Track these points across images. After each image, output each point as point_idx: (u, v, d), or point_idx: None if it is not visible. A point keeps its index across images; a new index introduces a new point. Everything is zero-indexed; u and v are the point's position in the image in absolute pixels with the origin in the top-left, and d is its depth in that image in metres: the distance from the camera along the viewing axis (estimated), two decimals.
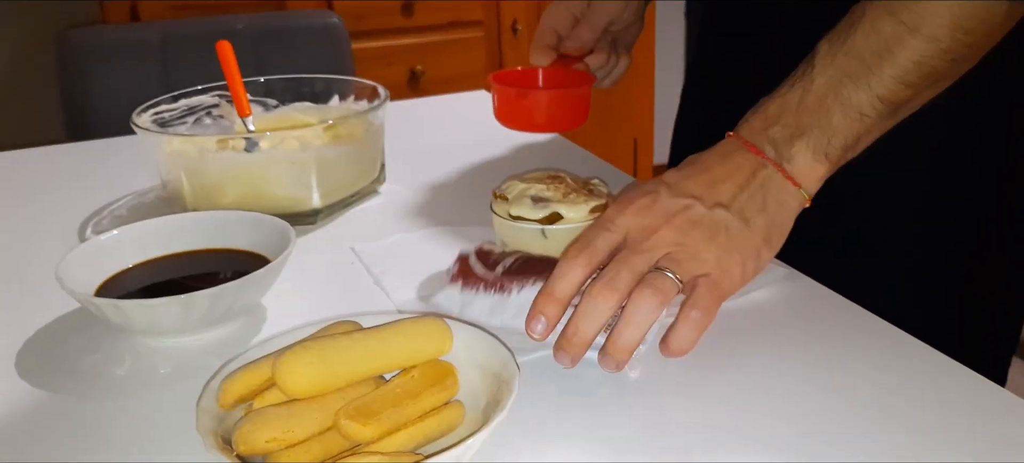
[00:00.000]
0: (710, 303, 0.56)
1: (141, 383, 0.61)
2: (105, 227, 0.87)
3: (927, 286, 0.82)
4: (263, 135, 0.86)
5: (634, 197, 0.59)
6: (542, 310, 0.56)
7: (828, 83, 0.60)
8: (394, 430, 0.48)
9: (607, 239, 0.58)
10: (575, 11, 0.81)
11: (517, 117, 0.75)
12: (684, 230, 0.57)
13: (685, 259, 0.56)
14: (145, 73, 1.43)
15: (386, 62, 2.26)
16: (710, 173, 0.59)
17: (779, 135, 0.60)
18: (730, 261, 0.58)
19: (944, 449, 0.50)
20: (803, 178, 0.60)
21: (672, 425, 0.54)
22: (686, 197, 0.58)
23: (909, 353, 0.60)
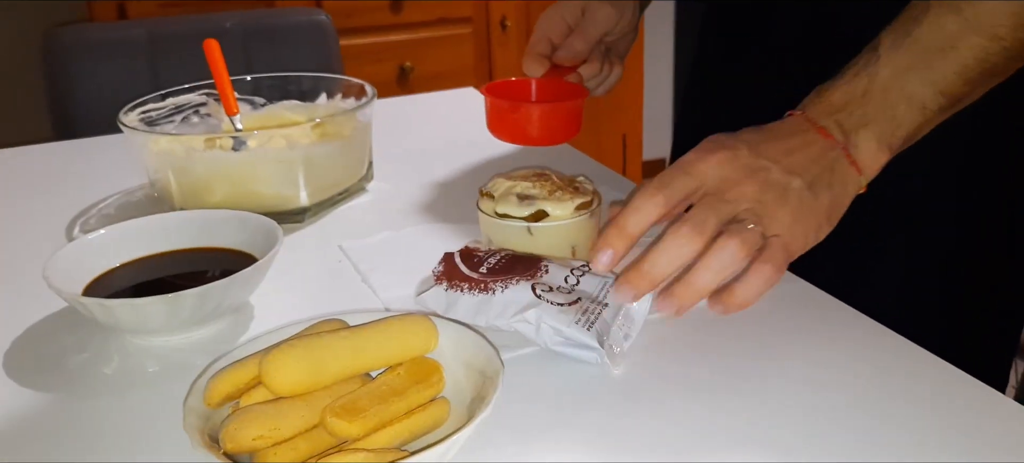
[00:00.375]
0: (781, 262, 0.56)
1: (129, 382, 0.61)
2: (93, 226, 0.87)
3: (925, 287, 0.82)
4: (251, 134, 0.87)
5: (714, 148, 0.59)
6: (611, 243, 0.57)
7: (892, 75, 0.61)
8: (380, 427, 0.48)
9: (685, 183, 0.58)
10: (569, 20, 0.81)
11: (509, 130, 0.75)
12: (763, 188, 0.57)
13: (764, 216, 0.57)
14: (133, 71, 1.42)
15: (375, 59, 2.26)
16: (785, 142, 0.60)
17: (846, 122, 0.61)
18: (799, 227, 0.58)
19: (930, 449, 0.51)
20: (865, 165, 0.61)
21: (657, 422, 0.54)
22: (764, 159, 0.58)
23: (899, 353, 0.61)
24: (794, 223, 0.58)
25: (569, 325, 0.59)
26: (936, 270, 0.82)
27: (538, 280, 0.62)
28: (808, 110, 0.62)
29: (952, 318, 0.82)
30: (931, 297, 0.82)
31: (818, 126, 0.60)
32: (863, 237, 0.82)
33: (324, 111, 0.98)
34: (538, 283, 0.62)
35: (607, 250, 0.57)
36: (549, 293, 0.61)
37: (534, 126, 0.74)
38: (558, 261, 0.66)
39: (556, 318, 0.59)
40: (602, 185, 0.85)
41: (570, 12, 0.81)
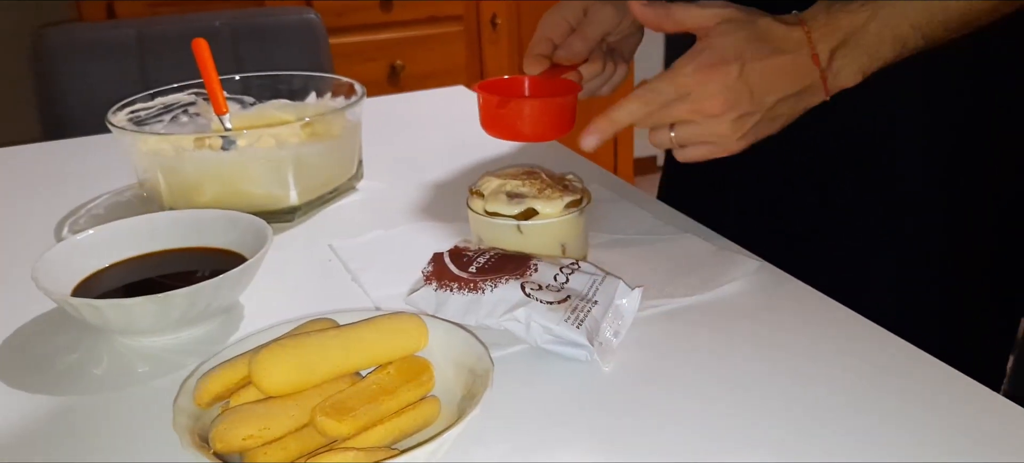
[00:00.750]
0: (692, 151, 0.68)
1: (119, 382, 0.61)
2: (82, 226, 0.87)
3: (920, 286, 0.83)
4: (240, 133, 0.87)
5: (709, 65, 0.64)
6: (600, 128, 0.67)
7: (890, 14, 0.65)
8: (370, 426, 0.48)
9: (670, 92, 0.65)
10: (571, 20, 0.81)
11: (500, 126, 0.75)
12: (733, 128, 0.66)
13: (717, 146, 0.67)
14: (121, 71, 1.42)
15: (365, 58, 2.26)
16: (776, 60, 0.65)
17: (838, 50, 0.66)
18: (739, 146, 0.67)
19: (925, 447, 0.51)
20: (835, 88, 0.67)
21: (646, 419, 0.54)
22: (747, 87, 0.64)
23: (892, 352, 0.61)
24: (738, 142, 0.67)
25: (559, 323, 0.59)
26: (931, 268, 0.82)
27: (528, 279, 0.63)
28: (813, 27, 0.66)
29: (948, 316, 0.83)
30: (926, 296, 0.83)
31: (813, 50, 0.65)
32: (857, 237, 0.82)
33: (314, 110, 0.98)
34: (528, 281, 0.62)
35: (596, 134, 0.67)
36: (539, 291, 0.61)
37: (525, 122, 0.74)
38: (548, 259, 0.66)
39: (546, 316, 0.59)
40: (592, 183, 0.86)
41: (572, 12, 0.81)
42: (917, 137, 0.80)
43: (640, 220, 0.83)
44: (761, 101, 0.65)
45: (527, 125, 0.74)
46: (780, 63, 0.65)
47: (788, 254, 0.74)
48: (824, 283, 0.69)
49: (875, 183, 0.81)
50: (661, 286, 0.69)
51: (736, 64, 0.64)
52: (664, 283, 0.70)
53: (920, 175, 0.80)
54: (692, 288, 0.69)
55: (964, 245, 0.82)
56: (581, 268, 0.65)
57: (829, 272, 0.72)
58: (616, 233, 0.80)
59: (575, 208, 0.71)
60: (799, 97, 0.67)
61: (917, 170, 0.80)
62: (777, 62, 0.65)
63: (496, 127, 0.75)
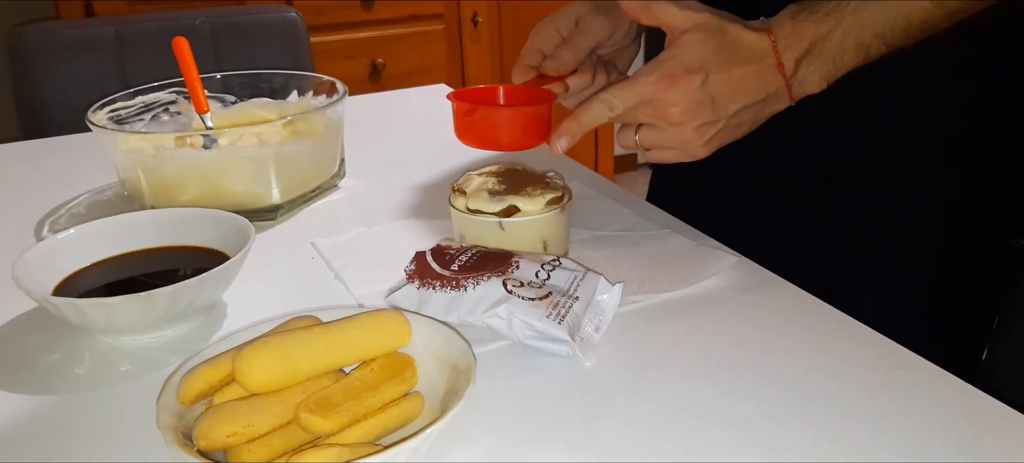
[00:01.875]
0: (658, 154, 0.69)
1: (101, 381, 0.61)
2: (62, 226, 0.87)
3: (912, 283, 0.84)
4: (222, 132, 0.86)
5: (672, 76, 0.65)
6: (570, 130, 0.70)
7: (854, 23, 0.67)
8: (354, 422, 0.49)
9: (635, 98, 0.67)
10: (563, 31, 0.81)
11: (472, 134, 0.75)
12: (696, 136, 0.67)
13: (683, 153, 0.69)
14: (101, 70, 1.41)
15: (346, 56, 2.25)
16: (742, 69, 0.66)
17: (803, 59, 0.67)
18: (703, 151, 0.68)
19: (893, 436, 0.52)
20: (799, 95, 0.69)
21: (628, 413, 0.55)
22: (710, 99, 0.66)
23: (875, 349, 0.62)
24: (702, 149, 0.68)
25: (540, 319, 0.59)
26: (912, 267, 0.84)
27: (509, 276, 0.63)
28: (778, 36, 0.67)
29: (927, 311, 0.84)
30: (907, 292, 0.84)
31: (779, 59, 0.67)
32: (841, 235, 0.84)
33: (295, 109, 0.98)
34: (509, 279, 0.63)
35: (566, 136, 0.70)
36: (520, 288, 0.62)
37: (496, 130, 0.74)
38: (529, 256, 0.67)
39: (527, 313, 0.60)
40: (573, 181, 0.86)
41: (564, 23, 0.81)
42: (902, 140, 0.81)
43: (620, 217, 0.83)
44: (724, 110, 0.67)
45: (499, 133, 0.74)
46: (744, 73, 0.66)
47: (776, 252, 0.75)
48: (809, 280, 0.71)
49: (859, 185, 0.82)
50: (641, 282, 0.70)
51: (699, 74, 0.65)
52: (644, 279, 0.70)
53: (902, 177, 0.81)
54: (672, 283, 0.70)
55: (946, 243, 0.84)
56: (562, 265, 0.66)
57: (814, 269, 0.73)
58: (597, 230, 0.81)
59: (556, 205, 0.71)
60: (763, 104, 0.68)
61: (900, 172, 0.81)
62: (741, 72, 0.66)
63: (468, 135, 0.75)
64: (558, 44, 0.80)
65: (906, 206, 0.82)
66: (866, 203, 0.83)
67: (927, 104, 0.79)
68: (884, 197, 0.82)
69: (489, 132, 0.74)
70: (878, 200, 0.82)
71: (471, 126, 0.74)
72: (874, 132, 0.81)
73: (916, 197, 0.82)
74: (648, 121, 0.68)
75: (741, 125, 0.69)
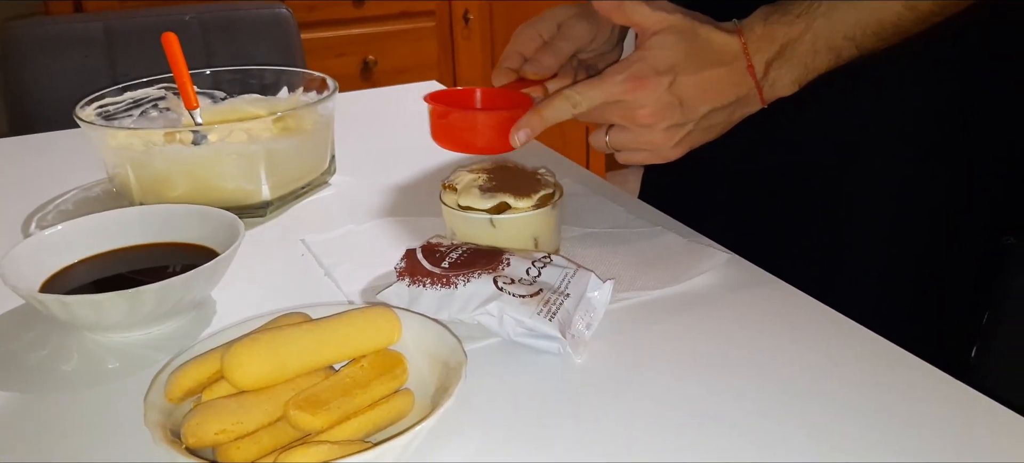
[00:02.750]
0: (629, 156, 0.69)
1: (89, 379, 0.61)
2: (50, 222, 0.86)
3: (896, 283, 0.84)
4: (211, 128, 0.86)
5: (640, 78, 0.65)
6: (529, 123, 0.68)
7: (825, 25, 0.66)
8: (343, 419, 0.48)
9: (601, 97, 0.66)
10: (544, 34, 0.81)
11: (448, 137, 0.75)
12: (666, 138, 0.67)
13: (653, 156, 0.68)
14: (90, 66, 1.40)
15: (337, 53, 2.25)
16: (712, 72, 0.66)
17: (774, 61, 0.67)
18: (674, 153, 0.68)
19: (883, 431, 0.52)
20: (771, 98, 0.68)
21: (619, 410, 0.55)
22: (679, 102, 0.65)
23: (865, 346, 0.62)
24: (672, 151, 0.68)
25: (531, 316, 0.59)
26: (901, 264, 0.84)
27: (500, 273, 0.63)
28: (749, 38, 0.67)
29: (916, 308, 0.84)
30: (895, 289, 0.84)
31: (749, 62, 0.66)
32: (830, 233, 0.84)
33: (285, 105, 0.98)
34: (500, 276, 0.62)
35: (525, 129, 0.69)
36: (511, 285, 0.62)
37: (472, 134, 0.73)
38: (520, 253, 0.67)
39: (518, 310, 0.60)
40: (564, 178, 0.86)
41: (546, 27, 0.81)
42: (884, 140, 0.81)
43: (611, 214, 0.83)
44: (693, 112, 0.66)
45: (474, 137, 0.73)
46: (714, 76, 0.66)
47: (760, 253, 0.75)
48: (793, 281, 0.70)
49: (841, 185, 0.83)
50: (632, 279, 0.70)
51: (667, 76, 0.64)
52: (635, 276, 0.70)
53: (884, 177, 0.82)
54: (663, 281, 0.69)
55: (929, 243, 0.84)
56: (553, 262, 0.66)
57: (798, 270, 0.73)
58: (588, 227, 0.80)
59: (547, 202, 0.71)
60: (734, 107, 0.68)
61: (882, 172, 0.82)
62: (711, 75, 0.66)
63: (444, 138, 0.75)
64: (539, 48, 0.80)
65: (889, 206, 0.82)
66: (849, 203, 0.83)
67: (908, 104, 0.80)
68: (866, 197, 0.82)
69: (464, 135, 0.74)
70: (860, 200, 0.82)
71: (447, 128, 0.74)
72: (856, 133, 0.81)
73: (898, 197, 0.82)
74: (617, 122, 0.68)
75: (712, 128, 0.69)
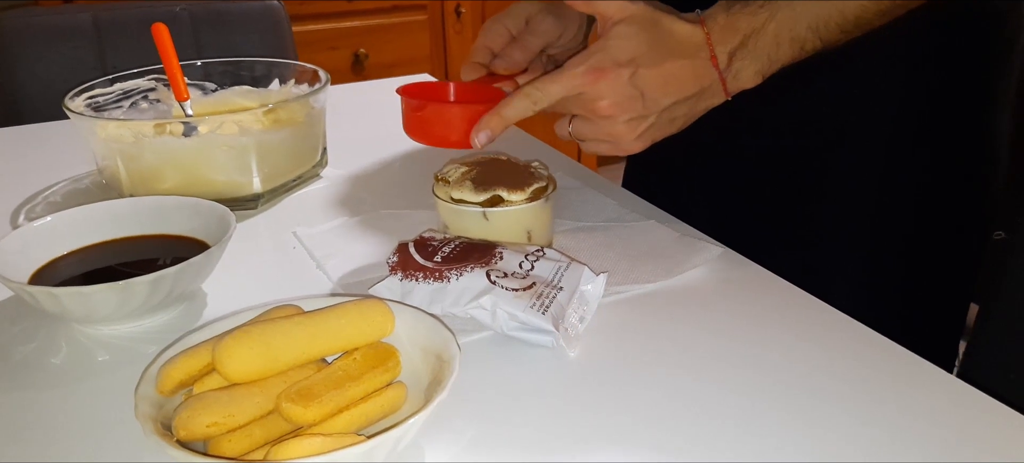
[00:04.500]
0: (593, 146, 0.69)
1: (79, 372, 0.60)
2: (39, 213, 0.85)
3: (882, 271, 0.85)
4: (202, 119, 0.85)
5: (600, 69, 0.64)
6: (489, 124, 0.68)
7: (788, 16, 0.66)
8: (336, 412, 0.48)
9: (562, 92, 0.66)
10: (513, 29, 0.81)
11: (420, 130, 0.74)
12: (628, 129, 0.66)
13: (615, 145, 0.68)
14: (79, 57, 1.39)
15: (329, 46, 2.24)
16: (674, 63, 0.65)
17: (737, 52, 0.66)
18: (637, 145, 0.68)
19: (873, 423, 0.52)
20: (734, 90, 0.68)
21: (613, 403, 0.55)
22: (640, 93, 0.65)
23: (853, 336, 0.62)
24: (635, 143, 0.67)
25: (524, 310, 0.59)
26: (889, 255, 0.85)
27: (493, 266, 0.63)
28: (712, 29, 0.66)
29: (904, 301, 0.85)
30: (883, 282, 0.85)
31: (712, 53, 0.66)
32: (817, 223, 0.85)
33: (277, 97, 0.97)
34: (493, 269, 0.62)
35: (485, 130, 0.68)
36: (504, 279, 0.61)
37: (444, 127, 0.73)
38: (513, 247, 0.66)
39: (511, 303, 0.59)
40: (557, 170, 0.86)
41: (514, 22, 0.81)
42: (871, 125, 0.82)
43: (605, 207, 0.83)
44: (655, 104, 0.66)
45: (447, 131, 0.73)
46: (676, 68, 0.65)
47: (745, 244, 0.75)
48: (784, 268, 0.71)
49: (826, 174, 0.83)
50: (625, 272, 0.70)
51: (628, 68, 0.64)
52: (628, 269, 0.70)
53: (872, 163, 0.82)
54: (656, 274, 0.69)
55: (914, 233, 0.84)
56: (546, 255, 0.65)
57: (790, 258, 0.73)
58: (581, 220, 0.80)
59: (541, 195, 0.71)
60: (698, 98, 0.67)
61: (869, 158, 0.82)
62: (672, 67, 0.65)
63: (416, 131, 0.75)
64: (508, 43, 0.80)
65: (871, 193, 0.83)
66: (832, 190, 0.84)
67: (889, 92, 0.81)
68: (849, 183, 0.83)
69: (437, 129, 0.74)
70: (843, 187, 0.83)
71: (421, 122, 0.74)
72: (838, 120, 0.82)
73: (880, 184, 0.83)
74: (578, 113, 0.67)
75: (674, 120, 0.68)
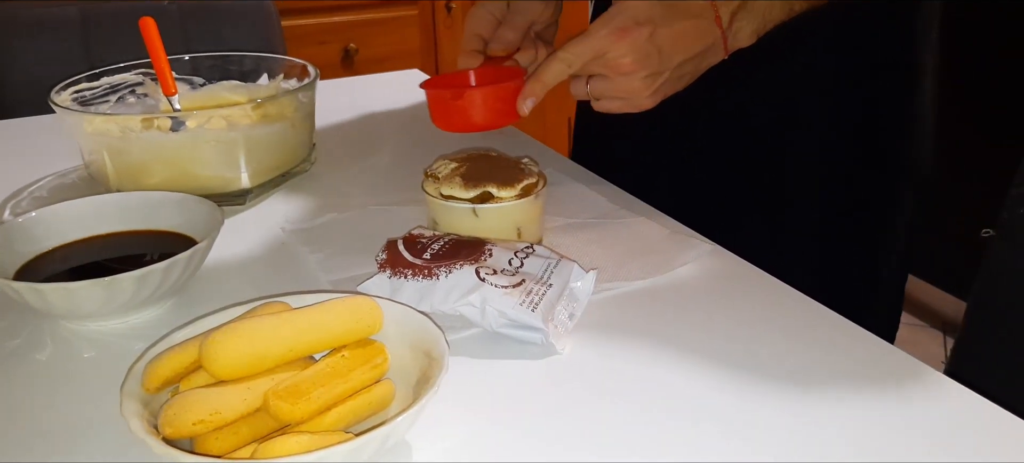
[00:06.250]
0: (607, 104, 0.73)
1: (64, 368, 0.60)
2: (24, 209, 0.85)
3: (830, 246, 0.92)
4: (189, 114, 0.85)
5: (622, 28, 0.68)
6: (533, 91, 0.72)
7: None
8: (324, 410, 0.48)
9: (587, 53, 0.70)
10: (496, 13, 0.83)
11: (454, 119, 0.75)
12: (644, 85, 0.70)
13: (630, 102, 0.72)
14: (66, 51, 1.38)
15: (319, 41, 2.23)
16: (683, 23, 0.70)
17: (738, 13, 0.72)
18: (650, 102, 0.72)
19: (863, 418, 0.52)
20: (734, 48, 0.73)
21: (602, 399, 0.55)
22: (656, 50, 0.69)
23: (831, 326, 0.63)
24: (648, 99, 0.71)
25: (513, 307, 0.59)
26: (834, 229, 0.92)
27: (482, 263, 0.62)
28: None
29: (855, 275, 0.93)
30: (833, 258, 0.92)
31: (717, 14, 0.71)
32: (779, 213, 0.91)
33: (265, 91, 0.97)
34: (482, 266, 0.62)
35: (531, 97, 0.73)
36: (493, 276, 0.61)
37: (478, 111, 0.74)
38: (502, 244, 0.66)
39: (500, 301, 0.59)
40: (547, 167, 0.86)
41: (496, 7, 0.84)
42: (821, 102, 0.88)
43: (595, 204, 0.83)
44: (669, 61, 0.70)
45: (481, 114, 0.74)
46: (687, 27, 0.70)
47: (709, 209, 0.79)
48: (745, 241, 0.74)
49: (785, 143, 0.89)
50: (615, 269, 0.70)
51: (647, 27, 0.68)
52: (618, 266, 0.70)
53: (823, 137, 0.89)
54: (646, 271, 0.69)
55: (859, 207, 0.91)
56: (536, 252, 0.65)
57: (745, 240, 0.76)
58: (571, 217, 0.80)
59: (531, 192, 0.71)
60: (702, 57, 0.72)
61: (820, 132, 0.88)
62: (685, 26, 0.70)
63: (449, 121, 0.75)
64: (495, 27, 0.83)
65: (822, 166, 0.90)
66: (786, 163, 0.90)
67: (836, 70, 0.87)
68: (802, 157, 0.89)
69: (472, 114, 0.74)
70: (796, 159, 0.89)
71: (456, 111, 0.74)
72: (790, 96, 0.88)
73: (830, 158, 0.89)
74: (600, 72, 0.71)
75: (682, 77, 0.73)
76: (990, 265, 0.83)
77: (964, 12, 1.94)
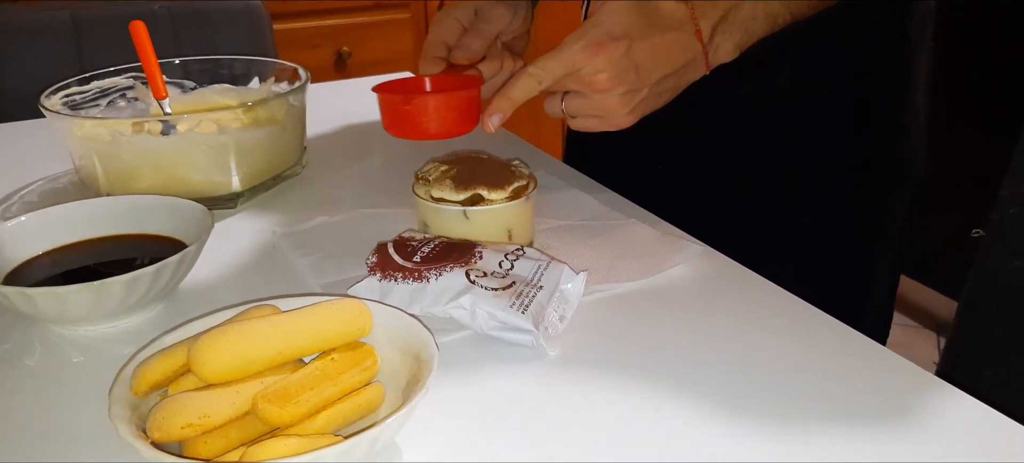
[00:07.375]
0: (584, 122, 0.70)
1: (53, 373, 0.60)
2: (15, 213, 0.84)
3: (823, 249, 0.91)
4: (180, 117, 0.85)
5: (597, 43, 0.66)
6: (500, 108, 0.69)
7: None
8: (313, 413, 0.48)
9: (561, 69, 0.67)
10: (463, 21, 0.82)
11: (404, 126, 0.74)
12: (621, 103, 0.68)
13: (607, 120, 0.69)
14: (56, 55, 1.38)
15: (311, 44, 2.22)
16: (662, 37, 0.68)
17: (718, 26, 0.70)
18: (628, 120, 0.69)
19: (855, 419, 0.53)
20: (714, 63, 0.71)
21: (593, 401, 0.55)
22: (634, 66, 0.66)
23: (820, 327, 0.63)
24: (627, 117, 0.69)
25: (504, 309, 0.59)
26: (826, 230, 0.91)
27: (472, 266, 0.62)
28: (696, 4, 0.69)
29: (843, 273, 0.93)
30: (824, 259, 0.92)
31: (697, 27, 0.68)
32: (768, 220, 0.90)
33: (256, 95, 0.97)
34: (472, 269, 0.62)
35: (497, 113, 0.69)
36: (483, 278, 0.61)
37: (430, 119, 0.72)
38: (493, 246, 0.66)
39: (491, 303, 0.59)
40: (538, 169, 0.85)
41: (463, 14, 0.82)
42: (809, 116, 0.88)
43: (585, 206, 0.83)
44: (648, 77, 0.68)
45: (433, 122, 0.73)
46: (666, 41, 0.68)
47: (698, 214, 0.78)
48: (734, 243, 0.74)
49: (769, 162, 0.89)
50: (606, 271, 0.70)
51: (624, 42, 0.66)
52: (609, 268, 0.70)
53: (810, 146, 0.88)
54: (636, 273, 0.69)
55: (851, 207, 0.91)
56: (526, 254, 0.65)
57: (737, 233, 0.77)
58: (562, 219, 0.80)
59: (522, 194, 0.71)
60: (682, 72, 0.70)
61: (807, 141, 0.88)
62: (663, 40, 0.67)
63: (400, 127, 0.74)
64: (461, 34, 0.82)
65: (811, 174, 0.89)
66: (781, 173, 0.89)
67: (823, 84, 0.87)
68: (791, 166, 0.88)
69: (423, 121, 0.73)
70: (785, 169, 0.89)
71: (406, 116, 0.73)
72: (777, 107, 0.88)
73: (819, 166, 0.89)
74: (575, 89, 0.69)
75: (662, 93, 0.70)
76: (981, 266, 0.83)
77: (957, 13, 1.94)
